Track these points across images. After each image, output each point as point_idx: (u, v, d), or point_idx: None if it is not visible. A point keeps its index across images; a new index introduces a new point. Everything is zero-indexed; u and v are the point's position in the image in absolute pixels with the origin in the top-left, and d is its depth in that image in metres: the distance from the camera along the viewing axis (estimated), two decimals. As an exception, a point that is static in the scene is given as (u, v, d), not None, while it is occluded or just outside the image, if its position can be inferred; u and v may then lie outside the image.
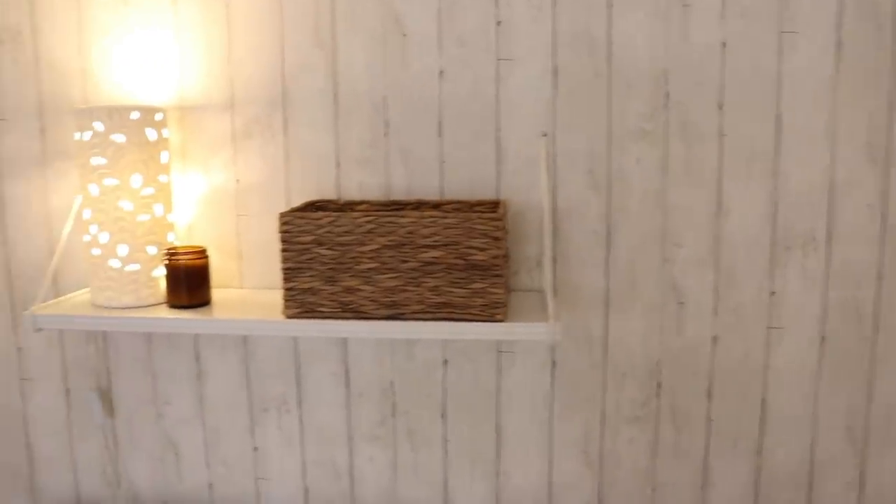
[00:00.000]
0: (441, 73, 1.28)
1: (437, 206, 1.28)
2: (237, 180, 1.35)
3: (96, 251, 1.23)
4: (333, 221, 1.12)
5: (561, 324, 1.26)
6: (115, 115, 1.19)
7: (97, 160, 1.19)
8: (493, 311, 1.10)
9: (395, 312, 1.12)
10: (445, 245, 1.10)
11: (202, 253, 1.24)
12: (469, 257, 1.09)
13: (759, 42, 1.21)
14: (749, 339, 1.28)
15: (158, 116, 1.24)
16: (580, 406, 1.33)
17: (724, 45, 1.22)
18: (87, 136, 1.20)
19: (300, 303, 1.15)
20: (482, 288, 1.10)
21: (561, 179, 1.27)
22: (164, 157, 1.25)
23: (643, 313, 1.29)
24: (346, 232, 1.12)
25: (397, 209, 1.29)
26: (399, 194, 1.32)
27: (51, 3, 1.37)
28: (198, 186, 1.36)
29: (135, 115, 1.20)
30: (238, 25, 1.32)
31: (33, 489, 1.53)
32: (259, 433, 1.42)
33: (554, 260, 1.29)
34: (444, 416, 1.36)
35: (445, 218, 1.09)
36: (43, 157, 1.41)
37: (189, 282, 1.22)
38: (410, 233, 1.10)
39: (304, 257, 1.13)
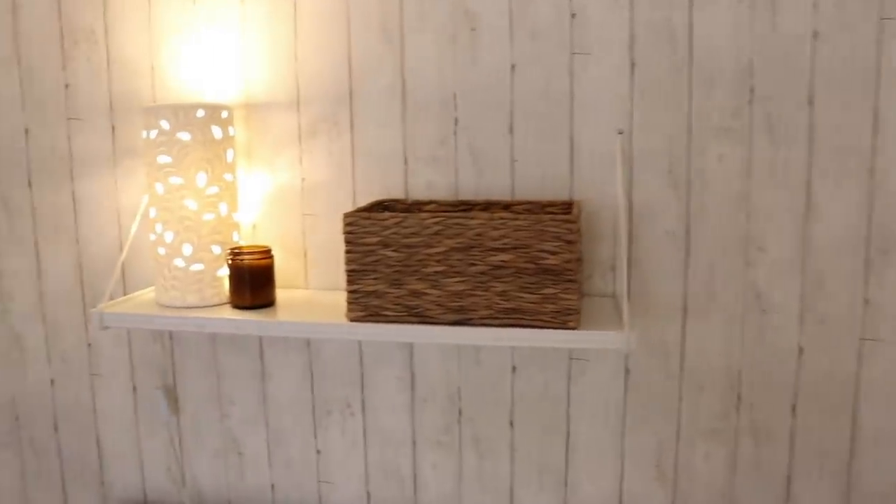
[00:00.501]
0: (512, 67, 1.23)
1: (507, 206, 1.23)
2: (303, 179, 1.33)
3: (161, 250, 1.22)
4: (400, 222, 1.08)
5: (635, 332, 1.20)
6: (181, 113, 1.18)
7: (163, 158, 1.19)
8: (564, 318, 1.05)
9: (463, 317, 1.08)
10: (515, 248, 1.05)
11: (267, 253, 1.22)
12: (540, 261, 1.05)
13: (855, 30, 1.12)
14: (839, 351, 1.19)
15: (224, 114, 1.23)
16: (654, 417, 1.26)
17: (815, 34, 1.13)
18: (154, 134, 1.19)
19: (364, 306, 1.12)
20: (553, 294, 1.05)
21: (637, 179, 1.21)
22: (229, 155, 1.24)
23: (723, 321, 1.22)
24: (412, 233, 1.08)
25: (466, 209, 1.25)
26: (468, 194, 1.28)
27: (122, 2, 1.37)
28: (263, 185, 1.35)
29: (200, 114, 1.19)
30: (304, 22, 1.30)
31: (103, 483, 1.54)
32: (322, 436, 1.40)
33: (629, 264, 1.23)
34: (511, 423, 1.32)
35: (516, 220, 1.05)
36: (113, 155, 1.42)
37: (253, 282, 1.21)
38: (479, 235, 1.06)
39: (369, 259, 1.10)
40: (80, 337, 1.50)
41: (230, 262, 1.20)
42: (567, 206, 1.20)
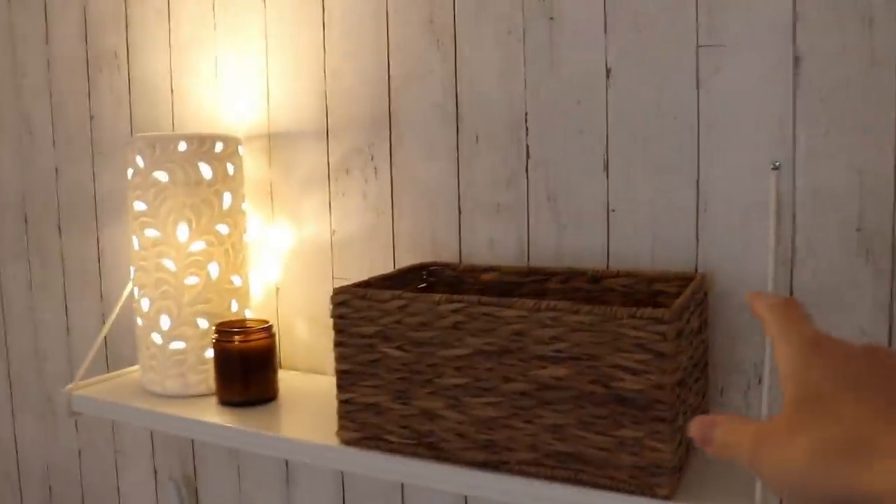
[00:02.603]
0: (609, 73, 0.83)
1: (597, 279, 0.83)
2: (333, 231, 1.01)
3: (140, 321, 0.95)
4: (405, 307, 0.72)
5: None
6: (158, 146, 0.90)
7: (138, 204, 0.92)
8: (650, 481, 0.63)
9: (494, 458, 0.70)
10: (575, 359, 0.65)
11: (265, 331, 0.91)
12: (614, 383, 0.64)
13: None
14: None
15: (218, 147, 0.93)
16: None
17: None
18: (130, 173, 0.93)
19: (360, 425, 0.76)
20: (634, 438, 0.63)
21: (805, 240, 0.76)
22: (225, 200, 0.94)
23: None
24: (422, 324, 0.71)
25: (540, 280, 0.86)
26: (545, 258, 0.89)
27: (143, 20, 1.14)
28: (288, 238, 1.05)
29: (182, 147, 0.90)
30: (333, 22, 0.98)
31: (131, 580, 1.31)
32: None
33: (788, 376, 0.77)
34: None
35: (574, 313, 0.64)
36: (134, 196, 1.19)
37: (245, 370, 0.90)
38: (518, 334, 0.67)
39: (366, 357, 0.75)
40: (104, 408, 1.28)
41: (214, 342, 0.90)
42: (687, 282, 0.78)
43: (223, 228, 0.94)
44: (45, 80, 1.27)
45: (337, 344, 0.76)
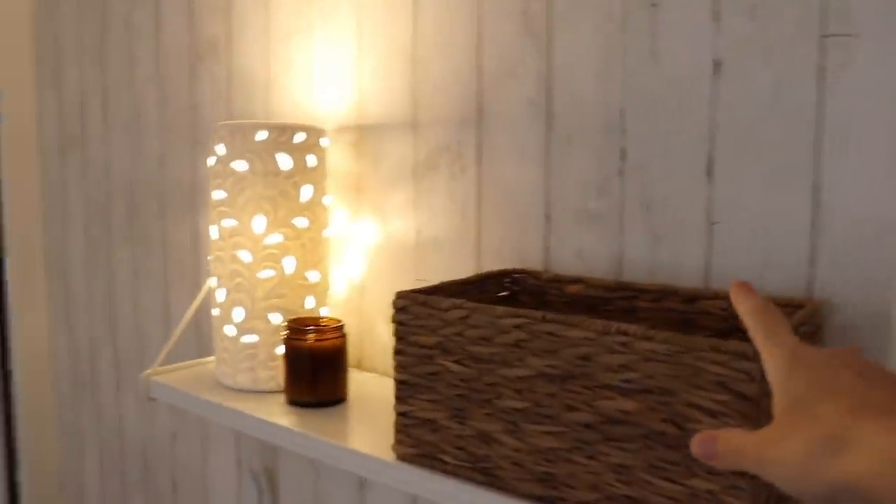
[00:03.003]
0: (717, 66, 0.73)
1: (693, 299, 0.74)
2: (417, 231, 0.96)
3: (215, 311, 0.94)
4: (466, 318, 0.66)
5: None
6: (238, 135, 0.89)
7: (217, 193, 0.91)
8: (728, 545, 0.54)
9: (552, 494, 0.62)
10: (646, 392, 0.57)
11: (336, 330, 0.88)
12: (688, 424, 0.55)
13: None
14: None
15: (298, 138, 0.91)
16: None
17: None
18: (212, 161, 0.92)
19: (416, 440, 0.71)
20: (708, 491, 0.54)
21: (947, 272, 0.63)
22: (304, 192, 0.92)
23: None
24: (482, 338, 0.65)
25: (629, 297, 0.78)
26: (637, 272, 0.80)
27: (243, 8, 1.14)
28: (373, 234, 1.01)
29: (261, 136, 0.88)
30: (426, 13, 0.93)
31: (215, 564, 1.33)
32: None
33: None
34: None
35: (649, 341, 0.56)
36: (230, 185, 1.19)
37: (315, 370, 0.87)
38: (585, 359, 0.59)
39: (424, 369, 0.70)
40: (196, 393, 1.30)
41: (284, 339, 0.88)
42: (796, 311, 0.67)
43: (301, 222, 0.91)
44: (155, 69, 1.30)
45: (396, 352, 0.71)
